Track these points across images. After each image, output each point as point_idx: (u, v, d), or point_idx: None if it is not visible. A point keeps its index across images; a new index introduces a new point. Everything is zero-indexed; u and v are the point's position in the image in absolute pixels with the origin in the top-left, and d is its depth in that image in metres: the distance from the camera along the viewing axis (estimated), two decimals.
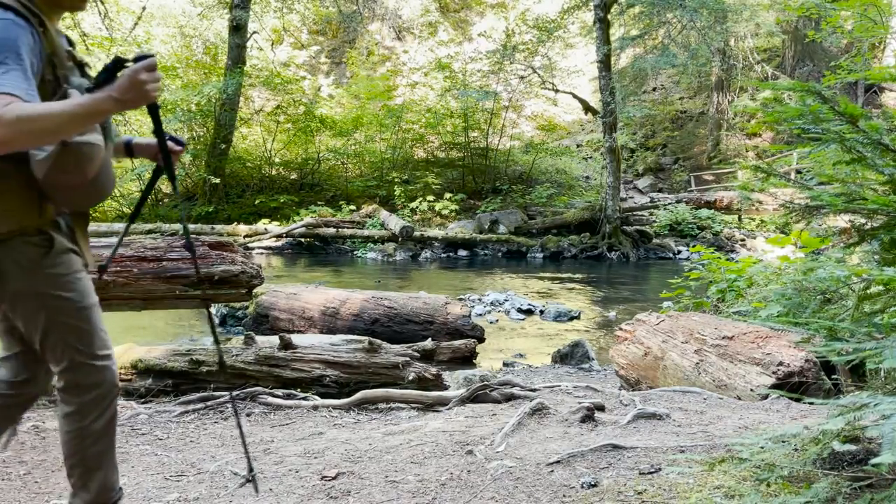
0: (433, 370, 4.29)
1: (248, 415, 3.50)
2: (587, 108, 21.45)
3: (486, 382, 3.68)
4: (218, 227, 15.85)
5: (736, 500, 1.82)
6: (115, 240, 4.11)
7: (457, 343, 5.81)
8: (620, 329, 4.82)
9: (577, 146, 26.45)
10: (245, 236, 15.39)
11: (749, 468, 1.93)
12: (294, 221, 16.57)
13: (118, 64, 1.68)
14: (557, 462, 2.35)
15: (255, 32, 20.80)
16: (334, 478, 2.38)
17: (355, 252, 15.79)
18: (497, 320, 8.23)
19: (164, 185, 20.08)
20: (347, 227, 16.58)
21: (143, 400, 3.94)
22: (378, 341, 4.34)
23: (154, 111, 1.80)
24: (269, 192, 19.11)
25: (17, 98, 1.51)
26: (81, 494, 1.87)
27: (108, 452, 1.89)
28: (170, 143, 1.93)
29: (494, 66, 20.35)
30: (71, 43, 1.88)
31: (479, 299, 9.14)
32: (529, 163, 21.17)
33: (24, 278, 1.71)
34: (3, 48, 1.55)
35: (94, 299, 1.85)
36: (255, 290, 4.82)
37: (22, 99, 1.52)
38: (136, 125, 19.21)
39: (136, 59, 1.66)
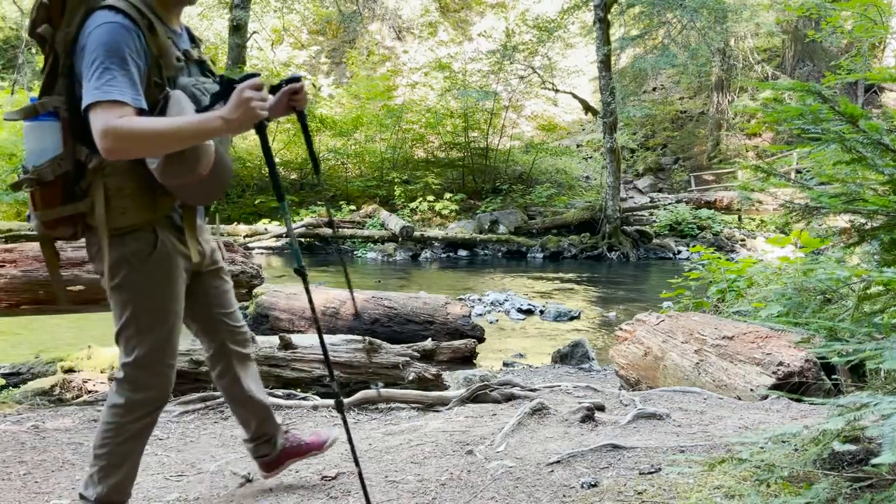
0: (433, 370, 4.29)
1: None
2: (587, 108, 21.46)
3: (486, 382, 3.68)
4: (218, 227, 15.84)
5: (736, 500, 1.82)
6: None
7: (457, 343, 5.81)
8: (620, 329, 4.81)
9: (577, 146, 26.45)
10: (245, 236, 15.39)
11: (749, 468, 1.93)
12: (294, 221, 16.58)
13: (228, 86, 1.72)
14: (557, 462, 2.35)
15: (255, 32, 20.80)
16: (334, 478, 2.38)
17: (355, 252, 15.79)
18: (497, 320, 8.23)
19: None
20: (347, 227, 16.59)
21: None
22: (378, 341, 4.34)
23: (261, 131, 1.81)
24: (269, 192, 19.10)
25: (127, 106, 1.57)
26: (94, 488, 1.88)
27: (133, 455, 1.92)
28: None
29: (494, 66, 20.34)
30: (194, 40, 1.91)
31: (479, 299, 9.14)
32: (529, 163, 21.17)
33: (126, 271, 1.78)
34: (108, 53, 1.58)
35: (178, 308, 1.88)
36: (255, 290, 4.83)
37: (130, 105, 1.58)
38: None
39: (242, 79, 1.70)
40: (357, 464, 1.95)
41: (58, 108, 1.69)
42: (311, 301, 1.91)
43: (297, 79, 1.92)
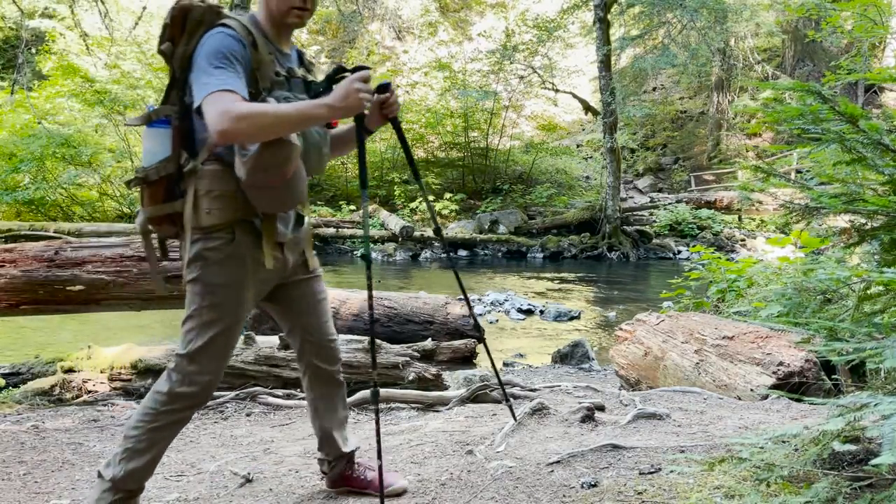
0: (433, 370, 4.29)
1: (247, 414, 3.50)
2: (587, 108, 21.47)
3: (486, 382, 3.68)
4: None
5: (736, 500, 1.82)
6: (114, 239, 4.12)
7: (457, 343, 5.81)
8: (620, 329, 4.81)
9: (577, 146, 26.45)
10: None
11: (749, 468, 1.93)
12: None
13: (338, 71, 1.89)
14: (557, 462, 2.35)
15: None
16: None
17: (355, 252, 15.78)
18: (497, 320, 8.23)
19: None
20: (348, 227, 16.58)
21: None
22: (378, 341, 4.34)
23: (359, 120, 1.98)
24: None
25: (237, 94, 1.70)
26: (113, 468, 1.92)
27: (159, 445, 1.94)
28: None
29: (494, 66, 20.34)
30: (303, 63, 2.04)
31: (479, 299, 9.14)
32: (529, 163, 21.16)
33: (201, 268, 1.87)
34: (217, 55, 1.75)
35: (240, 312, 1.93)
36: None
37: (239, 94, 1.71)
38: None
39: (354, 70, 1.82)
40: (380, 456, 2.00)
41: (170, 116, 1.87)
42: (370, 288, 2.05)
43: (386, 87, 2.00)
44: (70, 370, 4.27)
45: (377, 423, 1.99)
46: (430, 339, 5.71)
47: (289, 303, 2.10)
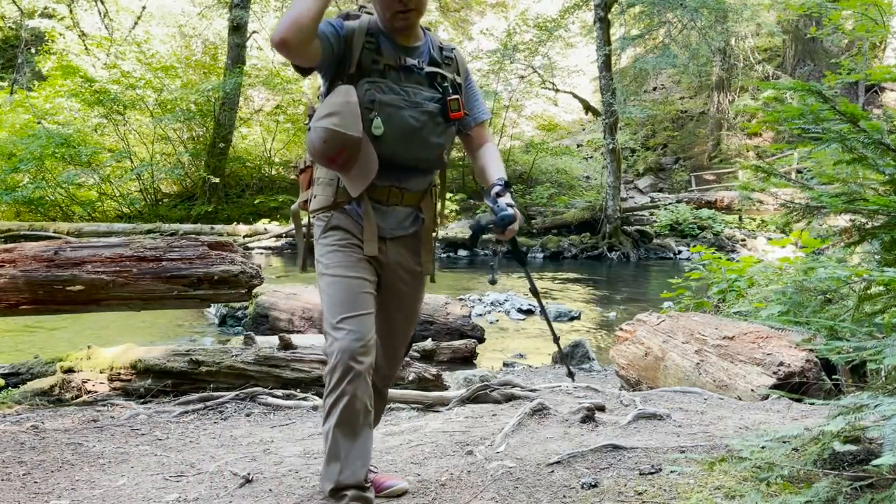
0: (433, 370, 4.29)
1: (247, 415, 3.50)
2: (587, 107, 21.46)
3: (486, 383, 3.68)
4: (217, 227, 15.85)
5: (736, 500, 1.81)
6: (114, 239, 4.12)
7: (457, 343, 5.81)
8: (621, 329, 4.81)
9: (578, 146, 26.46)
10: (245, 236, 15.39)
11: (749, 468, 1.93)
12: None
13: (481, 231, 2.02)
14: (558, 462, 2.35)
15: (254, 32, 20.80)
16: None
17: None
18: (497, 320, 8.22)
19: (163, 185, 20.13)
20: None
21: (142, 400, 3.93)
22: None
23: (514, 245, 2.08)
24: (269, 192, 19.11)
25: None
26: (324, 474, 1.91)
27: (342, 439, 1.83)
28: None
29: (494, 66, 20.34)
30: (438, 57, 2.06)
31: (479, 299, 9.14)
32: (530, 163, 21.17)
33: (315, 245, 2.03)
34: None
35: (344, 272, 1.94)
36: (254, 290, 4.82)
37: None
38: (134, 124, 19.22)
39: (502, 219, 1.93)
40: None
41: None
42: (529, 277, 2.21)
43: (504, 223, 1.93)
44: (70, 370, 4.27)
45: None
46: (430, 339, 5.71)
47: (381, 296, 2.06)
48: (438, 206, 2.17)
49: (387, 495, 2.14)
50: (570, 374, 2.51)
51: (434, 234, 2.15)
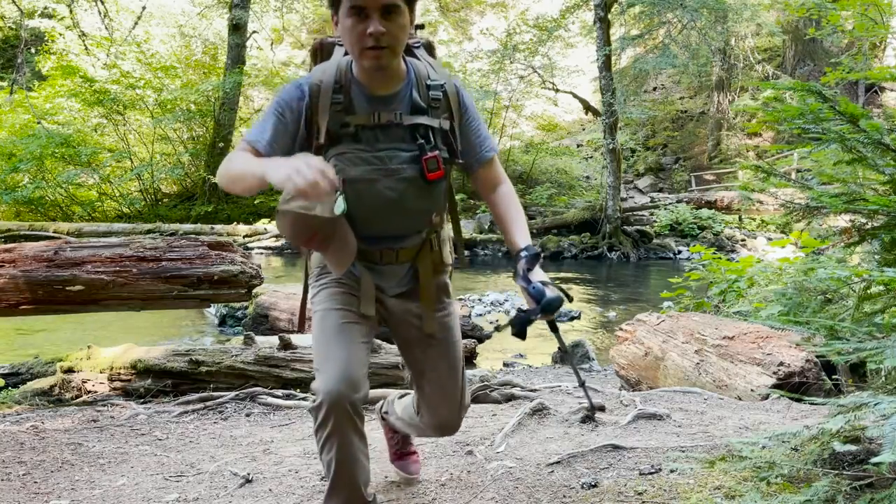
0: None
1: (247, 415, 3.49)
2: (587, 107, 21.46)
3: (486, 383, 3.67)
4: (217, 226, 15.85)
5: (736, 500, 1.81)
6: (114, 239, 4.12)
7: None
8: (621, 329, 4.81)
9: (578, 146, 26.46)
10: (245, 236, 15.39)
11: (749, 468, 1.93)
12: None
13: (525, 323, 1.73)
14: (557, 462, 2.35)
15: (254, 32, 20.80)
16: None
17: None
18: (497, 320, 8.22)
19: (163, 185, 20.13)
20: None
21: (142, 400, 3.93)
22: (377, 341, 4.33)
23: (555, 330, 1.81)
24: (269, 192, 19.07)
25: (249, 147, 1.70)
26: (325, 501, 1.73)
27: (338, 471, 1.65)
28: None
29: (494, 66, 20.34)
30: (421, 101, 1.77)
31: (479, 299, 9.14)
32: (529, 163, 21.16)
33: (309, 291, 1.89)
34: (275, 103, 1.75)
35: (331, 305, 1.76)
36: (254, 290, 4.82)
37: (254, 147, 1.69)
38: (134, 124, 19.23)
39: (547, 304, 1.69)
40: None
41: None
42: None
43: (550, 309, 1.70)
44: (69, 370, 4.27)
45: None
46: None
47: (400, 346, 1.96)
48: (448, 244, 1.93)
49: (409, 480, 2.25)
50: (593, 410, 2.37)
51: (443, 282, 1.92)
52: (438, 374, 1.89)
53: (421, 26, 2.00)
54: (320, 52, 1.87)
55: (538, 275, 1.74)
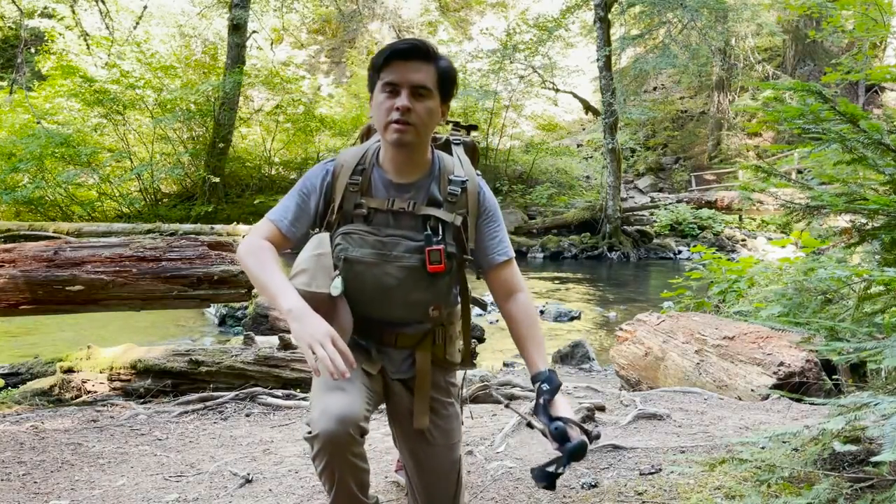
0: None
1: (247, 415, 3.49)
2: (588, 107, 21.47)
3: (486, 383, 3.67)
4: (217, 226, 15.82)
5: (736, 500, 1.81)
6: (113, 239, 4.11)
7: None
8: (621, 329, 4.81)
9: (578, 146, 26.45)
10: (244, 236, 15.36)
11: (750, 469, 1.93)
12: None
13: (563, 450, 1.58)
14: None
15: (254, 32, 20.79)
16: None
17: None
18: (497, 320, 8.21)
19: (163, 185, 20.12)
20: None
21: (142, 400, 3.93)
22: None
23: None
24: (269, 192, 19.10)
25: (273, 226, 1.76)
26: None
27: (333, 497, 1.64)
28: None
29: (494, 66, 20.34)
30: (431, 199, 1.75)
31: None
32: (529, 162, 21.16)
33: None
34: (301, 183, 1.78)
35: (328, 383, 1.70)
36: (254, 291, 4.81)
37: (270, 222, 1.77)
38: (134, 124, 19.22)
39: (573, 452, 1.55)
40: None
41: None
42: None
43: (575, 458, 1.57)
44: (69, 370, 4.27)
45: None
46: None
47: (396, 436, 1.89)
48: (458, 344, 1.86)
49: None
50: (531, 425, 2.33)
51: (445, 382, 1.84)
52: (428, 478, 1.83)
53: (474, 127, 2.02)
54: (367, 135, 1.94)
55: (559, 408, 1.64)
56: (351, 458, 1.59)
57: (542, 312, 8.62)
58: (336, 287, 1.65)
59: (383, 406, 2.34)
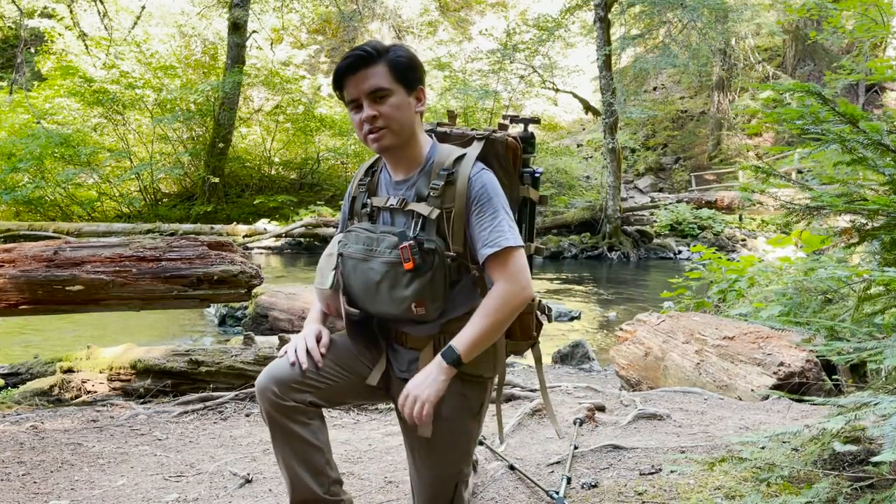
0: None
1: (247, 415, 3.49)
2: (588, 107, 21.45)
3: None
4: (217, 226, 15.84)
5: (736, 500, 1.81)
6: (113, 239, 4.11)
7: None
8: (621, 329, 4.81)
9: (578, 146, 26.46)
10: (244, 236, 15.37)
11: (750, 468, 1.93)
12: (293, 221, 16.57)
13: None
14: (558, 462, 2.35)
15: (254, 32, 20.79)
16: None
17: None
18: None
19: (163, 185, 20.13)
20: None
21: (142, 400, 3.93)
22: None
23: None
24: (269, 192, 19.11)
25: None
26: None
27: (282, 465, 1.77)
28: None
29: (494, 66, 20.34)
30: (418, 193, 1.77)
31: None
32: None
33: None
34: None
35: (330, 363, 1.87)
36: (254, 290, 4.81)
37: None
38: (134, 124, 19.23)
39: None
40: None
41: None
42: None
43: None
44: (69, 370, 4.26)
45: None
46: None
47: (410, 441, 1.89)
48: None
49: None
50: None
51: (462, 390, 1.84)
52: (422, 479, 1.84)
53: (534, 121, 2.03)
54: None
55: (422, 379, 1.68)
56: (284, 420, 1.73)
57: None
58: (327, 280, 1.82)
59: (383, 406, 2.36)
